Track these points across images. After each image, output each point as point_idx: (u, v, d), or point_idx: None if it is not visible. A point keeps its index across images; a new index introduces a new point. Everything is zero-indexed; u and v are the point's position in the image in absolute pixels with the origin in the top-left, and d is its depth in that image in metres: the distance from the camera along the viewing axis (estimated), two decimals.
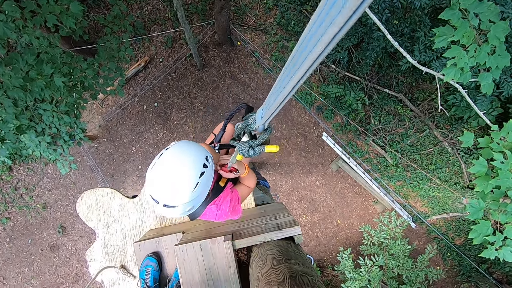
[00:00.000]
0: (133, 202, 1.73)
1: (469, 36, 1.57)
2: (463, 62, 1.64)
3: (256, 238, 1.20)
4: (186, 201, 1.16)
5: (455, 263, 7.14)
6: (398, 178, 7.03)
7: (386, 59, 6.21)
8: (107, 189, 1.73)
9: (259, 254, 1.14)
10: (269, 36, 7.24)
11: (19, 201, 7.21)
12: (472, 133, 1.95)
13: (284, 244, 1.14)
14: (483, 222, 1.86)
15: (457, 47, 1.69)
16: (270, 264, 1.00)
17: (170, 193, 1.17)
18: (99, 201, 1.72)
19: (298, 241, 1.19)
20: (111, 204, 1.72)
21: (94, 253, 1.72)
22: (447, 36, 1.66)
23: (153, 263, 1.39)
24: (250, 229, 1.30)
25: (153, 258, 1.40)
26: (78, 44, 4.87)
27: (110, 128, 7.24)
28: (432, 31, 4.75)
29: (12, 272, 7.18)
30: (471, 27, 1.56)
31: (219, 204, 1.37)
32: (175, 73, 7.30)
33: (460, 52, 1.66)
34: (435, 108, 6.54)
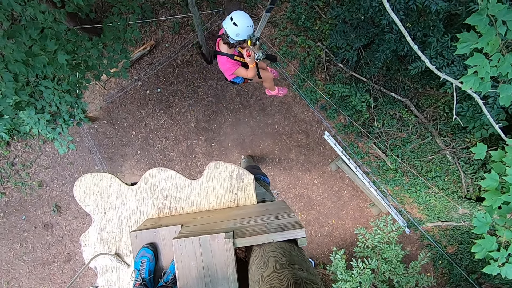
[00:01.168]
0: (132, 190, 1.69)
1: (493, 45, 1.51)
2: (485, 71, 1.58)
3: (258, 238, 1.15)
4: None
5: (446, 271, 7.19)
6: (396, 183, 7.01)
7: (395, 62, 6.13)
8: (106, 174, 1.68)
9: (260, 255, 1.10)
10: (278, 29, 7.11)
11: (15, 177, 7.17)
12: (485, 145, 1.90)
13: (287, 247, 1.10)
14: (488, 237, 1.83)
15: (480, 55, 1.63)
16: (273, 267, 0.96)
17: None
18: (97, 186, 1.68)
19: (302, 244, 1.15)
20: (109, 190, 1.67)
21: (88, 238, 1.68)
22: (471, 42, 1.60)
23: (149, 255, 1.36)
24: (252, 228, 1.26)
25: (149, 249, 1.37)
26: (84, 22, 4.77)
27: (111, 111, 7.17)
28: (445, 37, 4.67)
29: (4, 247, 7.18)
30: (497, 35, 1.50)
31: (226, 59, 3.09)
32: (181, 60, 7.19)
33: (483, 60, 1.60)
34: (440, 115, 6.49)
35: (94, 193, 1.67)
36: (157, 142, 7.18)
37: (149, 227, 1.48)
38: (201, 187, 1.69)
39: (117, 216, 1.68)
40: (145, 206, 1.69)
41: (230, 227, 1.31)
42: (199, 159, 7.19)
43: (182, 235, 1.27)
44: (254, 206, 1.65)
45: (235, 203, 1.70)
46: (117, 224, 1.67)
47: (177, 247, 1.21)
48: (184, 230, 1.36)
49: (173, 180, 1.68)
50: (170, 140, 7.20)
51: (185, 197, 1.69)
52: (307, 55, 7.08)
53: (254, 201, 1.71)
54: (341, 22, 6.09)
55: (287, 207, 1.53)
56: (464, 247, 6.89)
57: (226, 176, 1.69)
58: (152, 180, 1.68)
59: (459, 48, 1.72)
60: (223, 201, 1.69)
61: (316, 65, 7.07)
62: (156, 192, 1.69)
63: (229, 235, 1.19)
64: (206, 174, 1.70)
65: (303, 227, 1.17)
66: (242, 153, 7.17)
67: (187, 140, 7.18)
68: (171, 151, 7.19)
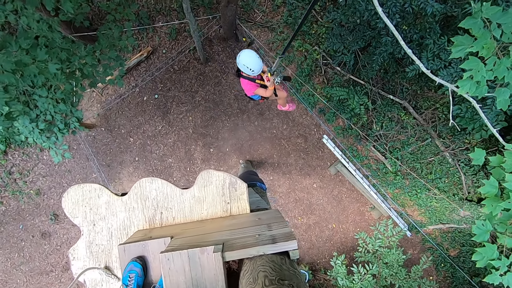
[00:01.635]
0: (122, 200, 1.64)
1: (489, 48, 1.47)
2: (480, 75, 1.54)
3: (248, 251, 1.11)
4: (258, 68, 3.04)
5: (448, 274, 7.10)
6: (397, 186, 6.96)
7: (393, 65, 6.11)
8: (95, 185, 1.64)
9: (250, 269, 1.05)
10: (275, 34, 7.12)
11: (12, 186, 7.12)
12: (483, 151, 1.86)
13: (278, 260, 1.05)
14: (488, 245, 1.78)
15: (476, 59, 1.59)
16: (262, 283, 0.91)
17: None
18: (86, 197, 1.63)
19: (294, 257, 1.10)
20: (98, 201, 1.63)
21: (77, 251, 1.63)
22: (465, 46, 1.56)
23: (138, 269, 1.31)
24: (242, 240, 1.21)
25: (137, 263, 1.32)
26: (79, 30, 4.76)
27: (109, 118, 7.14)
28: (442, 39, 4.65)
29: (1, 257, 7.11)
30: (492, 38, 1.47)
31: (248, 82, 3.40)
32: (178, 66, 7.19)
33: (478, 64, 1.56)
34: (438, 117, 6.46)
35: (83, 205, 1.63)
36: (155, 149, 7.14)
37: (138, 239, 1.43)
38: (192, 197, 1.65)
39: (106, 228, 1.63)
40: (136, 217, 1.64)
41: (220, 239, 1.26)
42: (197, 164, 7.15)
43: (170, 248, 1.23)
44: (247, 215, 1.60)
45: (228, 212, 1.65)
46: (106, 236, 1.63)
47: (164, 262, 1.17)
48: (174, 242, 1.31)
49: (164, 190, 1.64)
50: (168, 146, 7.16)
51: (176, 207, 1.65)
52: (304, 59, 7.07)
53: (247, 210, 1.66)
54: (338, 26, 6.08)
55: (280, 216, 1.49)
56: (467, 250, 6.81)
57: (218, 185, 1.65)
58: (143, 190, 1.64)
59: (454, 52, 1.68)
60: (215, 211, 1.65)
61: (314, 69, 7.06)
62: (146, 203, 1.64)
63: (218, 248, 1.14)
64: (197, 183, 1.66)
65: (295, 239, 1.13)
66: (240, 158, 7.12)
67: (185, 146, 7.14)
68: (169, 157, 7.15)
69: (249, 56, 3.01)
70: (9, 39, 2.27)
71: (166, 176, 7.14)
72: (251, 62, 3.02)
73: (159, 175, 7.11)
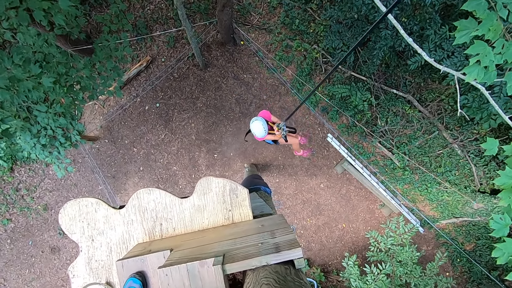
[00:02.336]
0: (120, 214, 1.59)
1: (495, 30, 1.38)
2: (488, 59, 1.45)
3: (250, 262, 1.04)
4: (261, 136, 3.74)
5: (465, 269, 6.89)
6: (406, 181, 6.81)
7: (394, 58, 6.01)
8: (92, 199, 1.58)
9: (253, 281, 0.98)
10: (273, 35, 7.08)
11: (20, 202, 7.16)
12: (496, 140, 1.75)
13: (283, 271, 0.98)
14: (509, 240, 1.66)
15: (482, 43, 1.49)
16: None
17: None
18: (82, 212, 1.58)
19: (299, 266, 1.03)
20: (95, 216, 1.58)
21: (77, 268, 1.58)
22: (470, 30, 1.47)
23: (137, 285, 1.25)
24: (244, 250, 1.14)
25: (136, 279, 1.26)
26: (77, 43, 4.77)
27: (112, 129, 7.15)
28: (443, 28, 4.55)
29: (12, 274, 7.13)
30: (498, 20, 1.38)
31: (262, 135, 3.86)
32: (177, 73, 7.18)
33: (485, 48, 1.47)
34: (445, 109, 6.32)
35: (80, 220, 1.58)
36: (159, 157, 7.12)
37: (137, 253, 1.37)
38: (192, 206, 1.59)
39: (105, 242, 1.57)
40: (135, 230, 1.59)
41: (221, 250, 1.19)
42: (202, 171, 7.10)
43: (169, 263, 1.16)
44: (250, 222, 1.53)
45: (230, 220, 1.59)
46: (106, 251, 1.57)
47: (163, 277, 1.10)
48: (173, 256, 1.25)
49: (162, 200, 1.58)
50: (172, 154, 7.13)
51: (176, 218, 1.58)
52: (303, 59, 7.01)
53: (250, 216, 1.59)
54: (336, 23, 6.01)
55: (284, 221, 1.41)
56: (483, 243, 6.61)
57: (218, 192, 1.58)
58: (141, 201, 1.58)
59: (457, 37, 1.59)
60: (217, 219, 1.58)
61: (314, 68, 6.99)
62: (145, 214, 1.58)
63: (218, 261, 1.07)
64: (197, 191, 1.59)
65: (299, 246, 1.05)
66: (245, 162, 7.06)
67: (189, 153, 7.11)
68: (173, 165, 7.12)
69: (255, 128, 3.87)
70: (2, 55, 2.25)
71: (171, 184, 7.11)
72: (257, 132, 3.90)
73: (164, 183, 7.09)
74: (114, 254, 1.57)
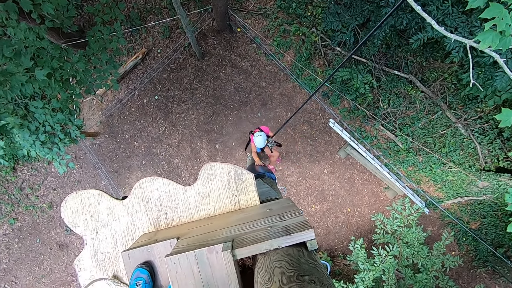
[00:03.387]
0: (123, 204, 1.55)
1: None
2: (505, 23, 1.35)
3: (261, 245, 1.00)
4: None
5: (471, 248, 6.92)
6: (410, 163, 6.76)
7: (395, 38, 5.87)
8: (93, 191, 1.54)
9: (264, 265, 0.94)
10: (270, 20, 6.91)
11: (25, 201, 7.18)
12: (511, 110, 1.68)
13: (295, 253, 0.94)
14: None
15: (498, 5, 1.39)
16: (279, 281, 0.80)
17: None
18: (85, 205, 1.54)
19: (312, 247, 0.99)
20: (98, 208, 1.54)
21: (83, 261, 1.55)
22: None
23: (144, 275, 1.22)
24: (253, 234, 1.10)
25: (144, 270, 1.23)
26: (69, 36, 4.66)
27: (111, 124, 7.09)
28: (445, 3, 4.40)
29: (23, 271, 7.22)
30: None
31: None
32: (174, 64, 7.06)
33: (501, 11, 1.37)
34: (447, 88, 6.20)
35: (83, 213, 1.54)
36: (160, 150, 7.09)
37: (143, 244, 1.34)
38: (197, 193, 1.54)
39: (110, 234, 1.54)
40: (139, 220, 1.55)
41: (229, 236, 1.15)
42: (204, 162, 7.07)
43: (176, 250, 1.12)
44: (257, 207, 1.49)
45: (237, 206, 1.54)
46: (111, 243, 1.54)
47: (171, 265, 1.07)
48: (180, 244, 1.21)
49: (166, 189, 1.54)
50: (174, 146, 7.09)
51: (181, 206, 1.54)
52: (302, 43, 6.86)
53: (257, 201, 1.55)
54: (334, 4, 5.85)
55: (293, 204, 1.37)
56: (488, 221, 6.61)
57: (223, 178, 1.53)
58: (144, 191, 1.54)
59: (470, 1, 1.49)
60: (223, 205, 1.54)
61: (313, 52, 6.85)
62: (149, 204, 1.54)
63: (227, 246, 1.03)
64: (201, 178, 1.55)
65: (311, 227, 1.01)
66: (248, 151, 7.01)
67: (190, 145, 7.06)
68: (175, 158, 7.09)
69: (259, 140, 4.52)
70: None
71: (174, 177, 7.09)
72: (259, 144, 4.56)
73: (167, 176, 7.07)
74: (119, 246, 1.54)
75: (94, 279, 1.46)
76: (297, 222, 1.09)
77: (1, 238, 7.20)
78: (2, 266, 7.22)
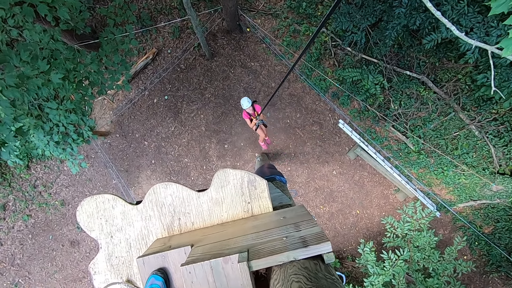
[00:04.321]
0: (137, 209, 1.56)
1: None
2: None
3: (277, 257, 0.99)
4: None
5: (484, 252, 6.78)
6: (421, 165, 6.65)
7: (407, 38, 5.77)
8: (108, 196, 1.56)
9: (281, 278, 0.93)
10: (279, 20, 6.88)
11: (38, 198, 7.34)
12: None
13: (312, 267, 0.93)
14: None
15: None
16: None
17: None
18: (100, 209, 1.56)
19: (329, 260, 0.97)
20: (113, 212, 1.56)
21: (98, 265, 1.57)
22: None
23: (159, 282, 1.23)
24: (269, 244, 1.10)
25: (159, 276, 1.24)
26: (82, 38, 4.72)
27: (122, 123, 7.18)
28: (461, 3, 4.30)
29: (36, 267, 7.39)
30: None
31: (245, 113, 5.12)
32: (184, 65, 7.10)
33: None
34: (461, 89, 6.07)
35: (98, 217, 1.56)
36: (170, 150, 7.14)
37: (157, 250, 1.35)
38: (210, 199, 1.54)
39: (124, 239, 1.56)
40: (153, 225, 1.56)
41: (244, 245, 1.15)
42: (213, 162, 7.10)
43: (191, 258, 1.13)
44: (270, 214, 1.48)
45: (250, 212, 1.54)
46: (125, 247, 1.56)
47: (186, 275, 1.07)
48: (194, 252, 1.22)
49: (179, 194, 1.55)
50: (183, 146, 7.14)
51: (194, 212, 1.55)
52: (312, 43, 6.81)
53: (270, 208, 1.54)
54: (345, 4, 5.78)
55: (307, 212, 1.36)
56: (502, 226, 6.46)
57: (236, 184, 1.53)
58: (157, 196, 1.55)
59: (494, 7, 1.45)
60: (236, 212, 1.54)
61: (323, 52, 6.80)
62: (163, 209, 1.55)
63: (243, 257, 1.03)
64: (214, 184, 1.55)
65: (328, 240, 1.00)
66: (256, 151, 7.01)
67: (199, 144, 7.10)
68: (184, 157, 7.13)
69: (244, 101, 4.96)
70: (10, 53, 2.22)
71: (183, 176, 7.14)
72: (244, 104, 4.96)
73: (176, 175, 7.12)
74: (133, 250, 1.55)
75: (110, 283, 1.47)
76: (313, 233, 1.08)
77: (16, 234, 7.38)
78: (16, 261, 7.40)
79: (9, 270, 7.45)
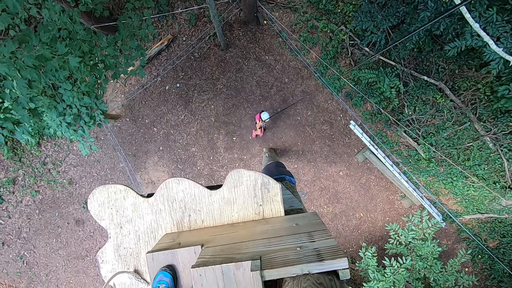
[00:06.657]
0: (148, 202, 1.56)
1: None
2: None
3: (291, 269, 0.97)
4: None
5: (486, 266, 6.70)
6: (430, 173, 6.55)
7: (429, 43, 5.61)
8: (120, 186, 1.56)
9: None
10: (298, 14, 6.74)
11: (47, 176, 7.47)
12: None
13: (327, 282, 0.91)
14: None
15: None
16: None
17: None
18: (111, 199, 1.56)
19: (344, 277, 0.95)
20: (124, 203, 1.55)
21: (106, 254, 1.58)
22: None
23: (167, 279, 1.22)
24: (282, 254, 1.07)
25: (167, 273, 1.23)
26: (99, 20, 4.70)
27: (133, 108, 7.21)
28: (489, 11, 4.14)
29: (41, 242, 7.57)
30: None
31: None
32: (198, 53, 7.05)
33: None
34: (479, 99, 5.90)
35: (109, 207, 1.56)
36: (178, 138, 7.16)
37: (166, 246, 1.34)
38: (222, 198, 1.53)
39: (133, 230, 1.56)
40: (163, 219, 1.55)
41: (256, 251, 1.13)
42: (220, 153, 7.10)
43: (202, 261, 1.12)
44: (282, 220, 1.46)
45: (261, 215, 1.52)
46: (134, 239, 1.56)
47: (197, 277, 1.06)
48: (205, 252, 1.20)
49: (191, 191, 1.53)
50: (191, 135, 7.15)
51: (205, 210, 1.54)
52: (329, 40, 6.67)
53: (281, 212, 1.52)
54: (367, 2, 5.63)
55: (320, 222, 1.33)
56: (508, 241, 6.36)
57: (249, 186, 1.51)
58: (169, 191, 1.54)
59: None
60: (247, 213, 1.52)
61: (340, 51, 6.66)
62: (174, 205, 1.55)
63: (256, 266, 1.01)
64: (227, 183, 1.53)
65: (345, 256, 0.97)
66: (264, 146, 6.98)
67: (208, 135, 7.10)
68: (192, 146, 7.15)
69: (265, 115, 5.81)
70: (30, 33, 2.21)
71: (190, 165, 7.17)
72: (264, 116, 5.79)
73: (183, 164, 7.16)
74: (142, 243, 1.56)
75: (118, 271, 1.48)
76: (328, 247, 1.05)
77: (24, 208, 7.55)
78: (23, 234, 7.60)
79: (15, 242, 7.66)
